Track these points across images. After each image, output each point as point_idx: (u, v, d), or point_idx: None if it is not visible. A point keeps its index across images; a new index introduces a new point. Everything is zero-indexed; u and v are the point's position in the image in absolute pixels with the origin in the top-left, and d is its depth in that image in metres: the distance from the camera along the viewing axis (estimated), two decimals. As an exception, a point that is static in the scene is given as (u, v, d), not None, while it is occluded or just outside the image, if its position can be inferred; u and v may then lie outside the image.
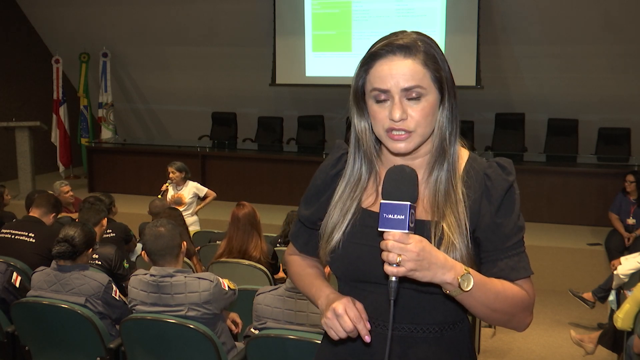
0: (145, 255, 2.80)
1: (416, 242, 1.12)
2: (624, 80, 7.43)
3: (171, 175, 5.59)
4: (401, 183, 1.16)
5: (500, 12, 7.53)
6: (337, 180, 1.38)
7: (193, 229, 5.37)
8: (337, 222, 1.33)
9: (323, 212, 1.38)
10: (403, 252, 1.11)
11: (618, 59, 7.35)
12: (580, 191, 6.83)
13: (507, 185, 1.27)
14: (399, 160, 1.30)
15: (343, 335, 1.22)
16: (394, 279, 1.14)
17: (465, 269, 1.17)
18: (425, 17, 7.80)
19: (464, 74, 7.63)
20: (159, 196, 5.51)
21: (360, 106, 1.32)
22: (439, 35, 7.74)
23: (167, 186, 5.65)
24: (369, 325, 1.21)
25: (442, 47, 7.42)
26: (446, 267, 1.14)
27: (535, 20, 7.40)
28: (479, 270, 1.24)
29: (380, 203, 1.16)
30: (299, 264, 1.51)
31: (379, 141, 1.34)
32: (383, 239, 1.14)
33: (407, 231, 1.13)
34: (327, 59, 8.31)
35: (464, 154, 1.33)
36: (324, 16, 8.23)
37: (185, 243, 2.85)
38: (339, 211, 1.33)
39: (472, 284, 1.16)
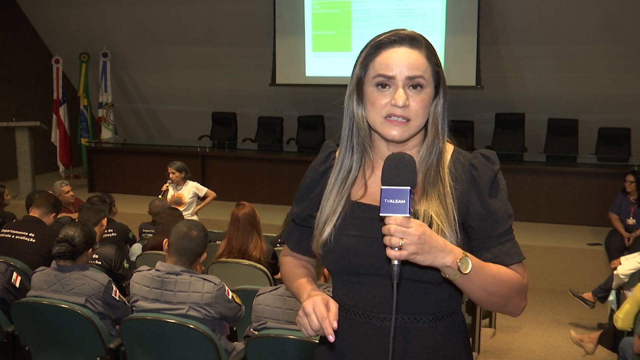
0: (167, 244, 2.83)
1: (417, 226, 1.14)
2: (624, 80, 7.43)
3: (171, 175, 5.59)
4: (401, 169, 1.18)
5: (500, 12, 7.53)
6: (326, 176, 1.41)
7: (193, 229, 5.36)
8: (328, 215, 1.35)
9: (313, 208, 1.41)
10: (405, 235, 1.13)
11: (618, 59, 7.35)
12: (580, 191, 6.83)
13: (492, 174, 1.31)
14: (388, 153, 1.30)
15: (312, 333, 1.25)
16: (396, 262, 1.16)
17: (463, 253, 1.19)
18: (425, 17, 7.80)
19: (464, 74, 7.63)
20: (159, 197, 5.51)
21: (359, 94, 1.34)
22: (439, 35, 7.74)
23: (167, 186, 5.65)
24: (335, 325, 1.22)
25: (442, 47, 7.36)
26: (445, 250, 1.17)
27: (535, 20, 7.40)
28: None
29: (381, 189, 1.17)
30: (289, 264, 1.53)
31: (369, 133, 1.36)
32: (384, 224, 1.15)
33: (408, 215, 1.14)
34: (327, 59, 8.31)
35: (449, 148, 1.36)
36: (324, 16, 8.23)
37: (204, 255, 2.86)
38: (330, 205, 1.36)
39: (470, 266, 1.19)
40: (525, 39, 7.53)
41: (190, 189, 5.64)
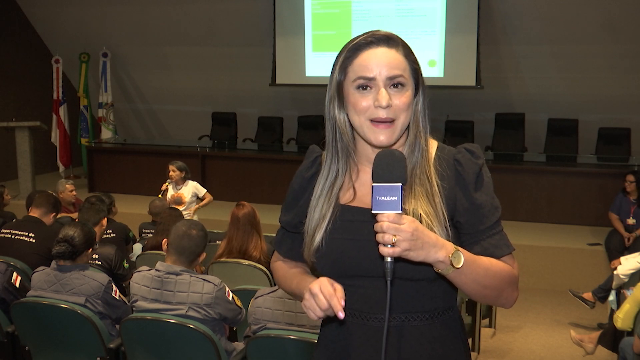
0: (166, 243, 2.83)
1: (409, 222, 1.14)
2: (624, 80, 7.43)
3: (171, 173, 5.58)
4: (391, 165, 1.18)
5: (500, 12, 7.53)
6: (313, 182, 1.41)
7: (193, 229, 5.35)
8: (318, 221, 1.35)
9: (303, 214, 1.40)
10: (398, 232, 1.13)
11: (618, 59, 7.35)
12: (580, 191, 6.83)
13: (477, 168, 1.31)
14: (373, 154, 1.29)
15: (320, 314, 1.23)
16: (389, 259, 1.16)
17: (455, 247, 1.20)
18: (425, 17, 7.80)
19: (464, 74, 7.63)
20: (159, 196, 5.51)
21: (340, 97, 1.33)
22: (439, 35, 7.74)
23: (167, 185, 5.65)
24: (343, 302, 1.21)
25: (442, 47, 7.33)
26: (438, 245, 1.17)
27: (535, 20, 7.40)
28: None
29: (373, 186, 1.17)
30: (283, 268, 1.53)
31: (353, 136, 1.36)
32: (377, 222, 1.15)
33: (400, 212, 1.14)
34: (327, 59, 8.29)
35: (432, 144, 1.36)
36: (324, 16, 8.23)
37: (204, 254, 2.85)
38: (319, 211, 1.35)
39: (462, 260, 1.19)
40: (525, 39, 7.53)
41: (190, 189, 5.64)
